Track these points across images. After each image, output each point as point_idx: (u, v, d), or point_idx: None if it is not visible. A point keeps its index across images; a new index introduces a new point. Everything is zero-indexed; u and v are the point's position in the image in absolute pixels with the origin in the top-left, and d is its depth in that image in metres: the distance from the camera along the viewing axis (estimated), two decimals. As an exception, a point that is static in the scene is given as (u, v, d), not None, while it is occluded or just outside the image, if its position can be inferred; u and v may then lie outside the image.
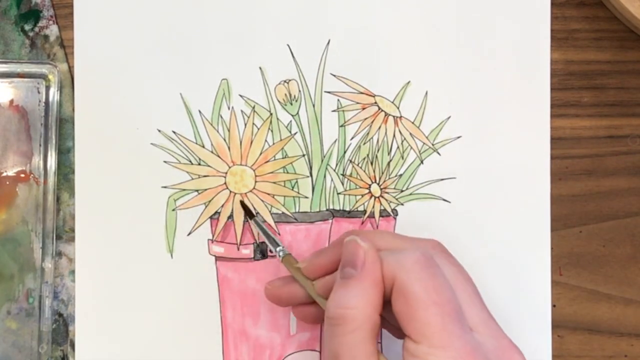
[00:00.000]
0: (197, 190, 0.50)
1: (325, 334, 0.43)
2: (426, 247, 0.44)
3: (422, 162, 0.51)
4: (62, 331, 0.50)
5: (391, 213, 0.51)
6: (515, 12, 0.51)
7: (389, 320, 0.44)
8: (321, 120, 0.51)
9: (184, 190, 0.50)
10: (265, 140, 0.51)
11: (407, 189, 0.51)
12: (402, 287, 0.41)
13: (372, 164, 0.51)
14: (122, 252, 0.50)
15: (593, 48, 0.51)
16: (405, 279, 0.41)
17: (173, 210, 0.50)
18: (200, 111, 0.50)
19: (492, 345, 0.42)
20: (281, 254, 0.47)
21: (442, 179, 0.51)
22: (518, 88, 0.51)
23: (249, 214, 0.50)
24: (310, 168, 0.51)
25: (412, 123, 0.51)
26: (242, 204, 0.50)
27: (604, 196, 0.51)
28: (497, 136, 0.51)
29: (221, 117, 0.51)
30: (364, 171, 0.51)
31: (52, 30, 0.51)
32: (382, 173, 0.51)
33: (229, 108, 0.51)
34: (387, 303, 0.42)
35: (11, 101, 0.50)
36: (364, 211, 0.51)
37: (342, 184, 0.51)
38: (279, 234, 0.50)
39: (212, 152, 0.50)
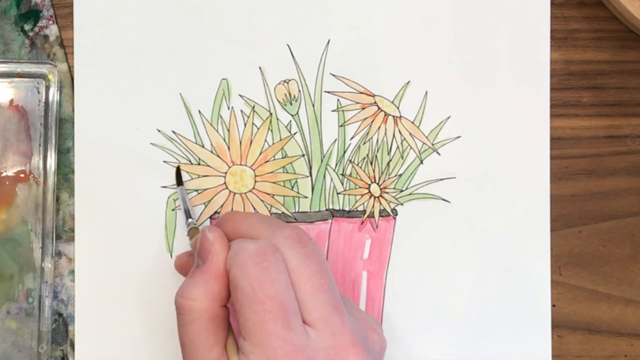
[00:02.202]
0: (196, 190, 0.50)
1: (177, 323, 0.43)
2: (277, 236, 0.43)
3: (421, 162, 0.51)
4: (61, 331, 0.50)
5: (391, 213, 0.51)
6: (515, 12, 0.51)
7: None
8: (321, 120, 0.51)
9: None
10: (265, 140, 0.51)
11: (406, 188, 0.51)
12: (232, 281, 0.41)
13: (371, 163, 0.51)
14: (121, 252, 0.50)
15: (593, 48, 0.51)
16: (235, 273, 0.41)
17: (173, 210, 0.50)
18: (200, 111, 0.50)
19: (327, 343, 0.40)
20: (188, 228, 0.47)
21: (441, 179, 0.51)
22: (518, 88, 0.51)
23: (178, 181, 0.50)
24: (310, 168, 0.51)
25: (412, 123, 0.51)
26: (178, 170, 0.50)
27: (604, 196, 0.51)
28: (497, 136, 0.51)
29: (221, 117, 0.51)
30: (364, 171, 0.51)
31: (52, 30, 0.51)
32: (382, 173, 0.51)
33: (228, 108, 0.51)
34: None
35: (11, 101, 0.50)
36: (364, 211, 0.51)
37: (342, 184, 0.51)
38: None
39: (211, 152, 0.50)
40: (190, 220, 0.48)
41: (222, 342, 0.42)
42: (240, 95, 0.51)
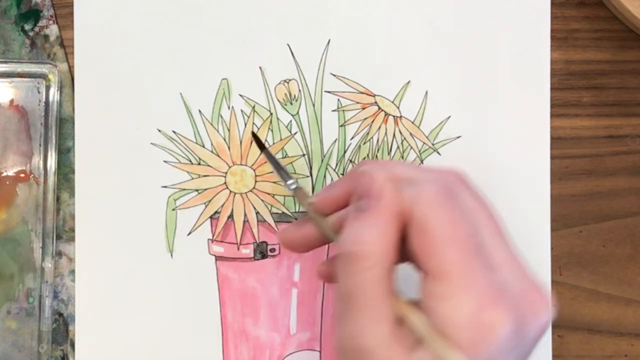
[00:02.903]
0: (197, 190, 0.50)
1: (338, 273, 0.39)
2: (446, 178, 0.40)
3: (422, 161, 0.51)
4: (62, 331, 0.50)
5: (391, 213, 0.51)
6: (515, 12, 0.51)
7: (404, 257, 0.40)
8: (321, 120, 0.51)
9: (184, 190, 0.50)
10: (266, 140, 0.51)
11: (407, 188, 0.51)
12: (419, 222, 0.38)
13: (372, 163, 0.51)
14: (122, 252, 0.50)
15: (593, 48, 0.51)
16: (423, 213, 0.38)
17: (173, 210, 0.50)
18: (200, 111, 0.50)
19: (517, 285, 0.38)
20: (292, 187, 0.47)
21: (442, 179, 0.51)
22: (518, 88, 0.51)
23: (260, 145, 0.49)
24: (311, 168, 0.51)
25: (412, 123, 0.51)
26: (254, 135, 0.49)
27: (604, 196, 0.51)
28: (497, 136, 0.51)
29: (221, 116, 0.51)
30: (364, 171, 0.51)
31: (52, 30, 0.51)
32: (382, 173, 0.51)
33: (229, 108, 0.51)
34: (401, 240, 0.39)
35: (11, 101, 0.50)
36: (364, 211, 0.51)
37: (342, 184, 0.51)
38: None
39: (212, 151, 0.50)
40: (291, 181, 0.46)
41: (395, 290, 0.39)
42: (240, 95, 0.51)
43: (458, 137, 0.51)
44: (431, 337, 0.37)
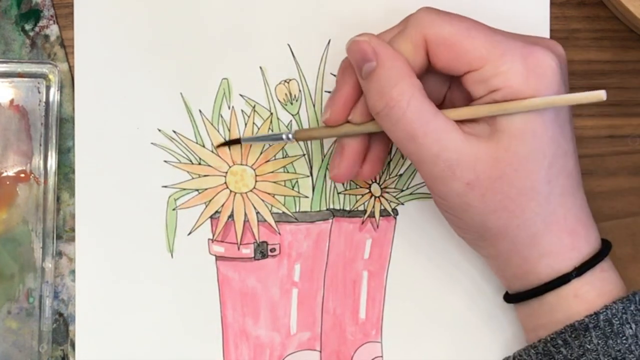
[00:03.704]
0: (197, 190, 0.50)
1: (389, 131, 0.43)
2: (420, 10, 0.44)
3: (422, 161, 0.51)
4: (62, 331, 0.50)
5: (391, 212, 0.51)
6: (515, 12, 0.51)
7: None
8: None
9: (185, 189, 0.50)
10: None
11: (407, 188, 0.51)
12: (436, 35, 0.43)
13: (372, 163, 0.51)
14: (122, 252, 0.50)
15: (594, 48, 0.51)
16: (433, 29, 0.43)
17: (173, 209, 0.50)
18: (200, 111, 0.50)
19: (529, 39, 0.44)
20: (290, 136, 0.47)
21: (442, 179, 0.51)
22: (518, 88, 0.51)
23: (233, 142, 0.50)
24: (311, 167, 0.51)
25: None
26: (221, 144, 0.50)
27: (604, 196, 0.51)
28: (497, 136, 0.51)
29: (221, 116, 0.50)
30: (364, 171, 0.51)
31: (53, 30, 0.51)
32: (383, 173, 0.51)
33: (229, 108, 0.51)
34: (420, 75, 0.44)
35: (11, 101, 0.50)
36: (364, 211, 0.51)
37: (342, 184, 0.51)
38: (279, 233, 0.50)
39: (212, 151, 0.50)
40: (285, 134, 0.47)
41: (437, 109, 0.43)
42: (240, 95, 0.51)
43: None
44: (504, 105, 0.42)
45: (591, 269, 0.44)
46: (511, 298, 0.47)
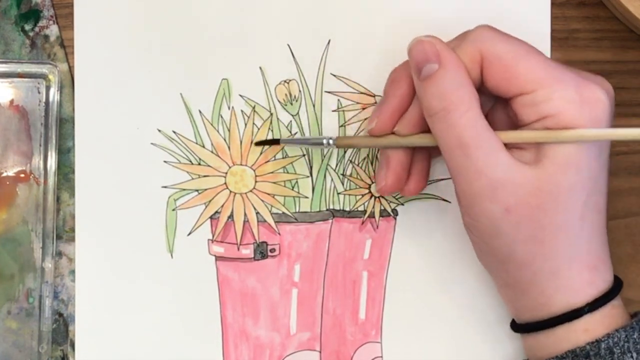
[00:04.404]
0: (197, 190, 0.50)
1: (439, 134, 0.42)
2: (483, 26, 0.44)
3: (422, 162, 0.51)
4: (62, 331, 0.50)
5: (391, 213, 0.51)
6: (515, 12, 0.51)
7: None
8: (321, 120, 0.51)
9: (184, 190, 0.50)
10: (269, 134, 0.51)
11: (407, 189, 0.51)
12: (492, 53, 0.42)
13: (372, 164, 0.51)
14: (122, 252, 0.50)
15: (593, 48, 0.51)
16: (491, 46, 0.42)
17: (173, 210, 0.50)
18: (200, 111, 0.50)
19: (580, 74, 0.43)
20: (331, 142, 0.48)
21: (442, 179, 0.51)
22: (518, 88, 0.51)
23: (272, 142, 0.50)
24: (311, 168, 0.51)
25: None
26: (259, 142, 0.50)
27: (604, 196, 0.51)
28: (497, 136, 0.51)
29: (221, 117, 0.50)
30: (364, 171, 0.51)
31: (52, 30, 0.51)
32: (382, 173, 0.51)
33: (229, 108, 0.51)
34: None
35: (11, 101, 0.50)
36: (364, 211, 0.51)
37: (342, 184, 0.51)
38: (279, 233, 0.50)
39: (212, 152, 0.50)
40: (326, 138, 0.48)
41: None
42: (240, 95, 0.51)
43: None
44: (556, 132, 0.41)
45: (603, 306, 0.43)
46: (519, 328, 0.46)
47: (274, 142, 0.50)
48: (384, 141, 0.46)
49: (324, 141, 0.48)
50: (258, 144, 0.50)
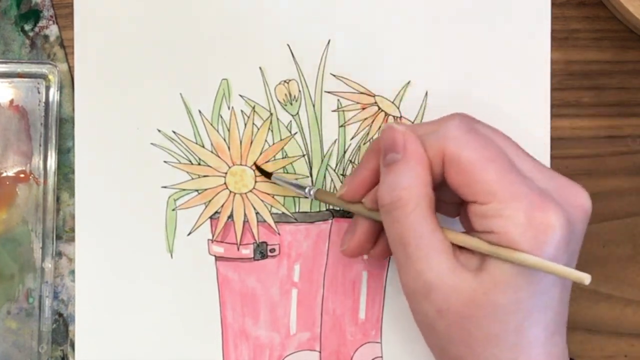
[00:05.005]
0: (197, 190, 0.50)
1: (386, 224, 0.42)
2: (457, 117, 0.43)
3: (422, 162, 0.51)
4: (62, 331, 0.50)
5: (391, 213, 0.51)
6: (515, 12, 0.51)
7: (441, 198, 0.44)
8: (321, 120, 0.51)
9: (184, 190, 0.50)
10: (265, 140, 0.51)
11: (407, 189, 0.51)
12: (453, 156, 0.41)
13: (372, 164, 0.51)
14: (122, 252, 0.50)
15: (593, 48, 0.51)
16: (454, 147, 0.41)
17: (173, 210, 0.50)
18: (200, 111, 0.50)
19: (553, 186, 0.42)
20: (311, 192, 0.48)
21: (442, 179, 0.51)
22: (518, 88, 0.51)
23: (265, 174, 0.50)
24: (310, 168, 0.51)
25: (412, 123, 0.51)
26: (257, 166, 0.50)
27: (604, 196, 0.51)
28: (497, 136, 0.51)
29: (221, 117, 0.51)
30: (364, 171, 0.51)
31: (52, 30, 0.51)
32: (382, 173, 0.51)
33: (229, 108, 0.51)
34: (437, 183, 0.43)
35: (11, 101, 0.50)
36: (364, 211, 0.51)
37: (342, 183, 0.51)
38: (279, 233, 0.50)
39: (212, 152, 0.50)
40: (308, 188, 0.48)
41: (441, 229, 0.42)
42: (240, 95, 0.51)
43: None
44: (496, 249, 0.40)
45: None
46: None
47: (267, 174, 0.50)
48: (352, 207, 0.46)
49: (306, 190, 0.48)
50: (259, 167, 0.50)
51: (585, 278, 0.39)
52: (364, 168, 0.46)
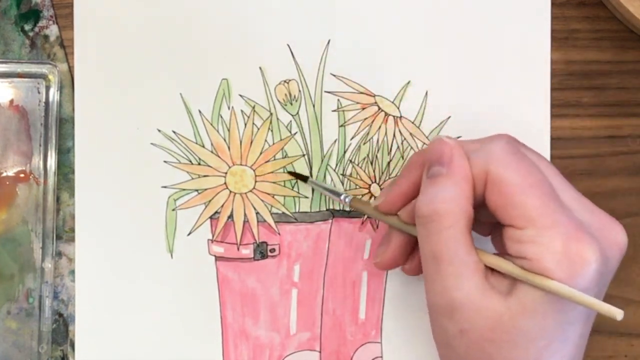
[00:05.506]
0: (197, 190, 0.50)
1: (420, 236, 0.42)
2: (503, 138, 0.43)
3: (422, 162, 0.51)
4: (62, 331, 0.50)
5: (391, 213, 0.51)
6: (515, 12, 0.51)
7: (476, 216, 0.43)
8: (321, 120, 0.51)
9: (184, 190, 0.50)
10: (265, 140, 0.51)
11: (407, 189, 0.51)
12: (496, 178, 0.41)
13: (372, 164, 0.51)
14: (122, 252, 0.50)
15: (593, 48, 0.51)
16: (497, 168, 0.41)
17: (173, 210, 0.50)
18: (200, 111, 0.50)
19: (591, 220, 0.42)
20: (347, 200, 0.48)
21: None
22: (518, 88, 0.51)
23: (301, 178, 0.50)
24: (310, 168, 0.51)
25: (412, 123, 0.51)
26: (291, 172, 0.50)
27: (604, 196, 0.51)
28: (497, 136, 0.51)
29: (221, 117, 0.51)
30: (364, 171, 0.51)
31: (52, 30, 0.51)
32: (382, 173, 0.51)
33: (229, 108, 0.51)
34: (477, 202, 0.42)
35: (11, 101, 0.50)
36: (364, 211, 0.51)
37: (342, 184, 0.51)
38: (279, 233, 0.50)
39: (212, 152, 0.50)
40: (343, 195, 0.48)
41: (475, 248, 0.41)
42: (240, 95, 0.51)
43: (458, 137, 0.51)
44: (530, 275, 0.40)
45: None
46: None
47: (303, 178, 0.50)
48: (388, 219, 0.46)
49: (342, 197, 0.48)
50: (290, 173, 0.50)
51: (618, 313, 0.39)
52: (403, 180, 0.45)
